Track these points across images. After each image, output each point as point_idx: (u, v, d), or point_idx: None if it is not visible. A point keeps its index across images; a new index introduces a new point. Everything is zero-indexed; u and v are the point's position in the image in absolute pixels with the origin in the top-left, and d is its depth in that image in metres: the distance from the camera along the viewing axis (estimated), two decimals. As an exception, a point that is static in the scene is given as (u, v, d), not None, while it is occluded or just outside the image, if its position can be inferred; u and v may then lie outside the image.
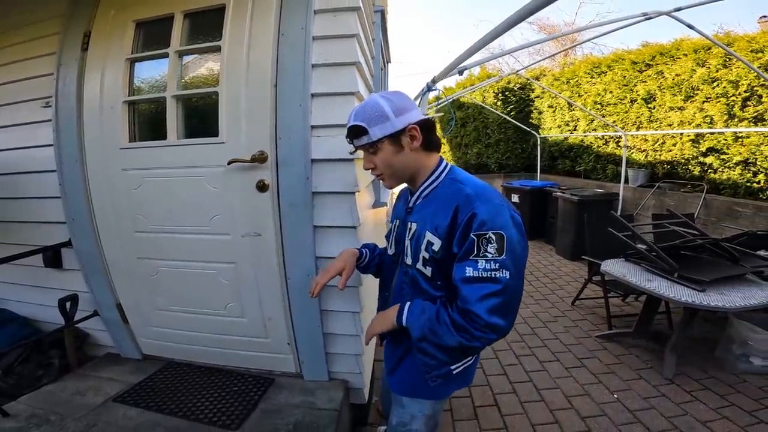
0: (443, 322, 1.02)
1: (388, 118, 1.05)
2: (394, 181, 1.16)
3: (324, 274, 1.34)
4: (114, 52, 1.76)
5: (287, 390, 1.80)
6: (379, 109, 1.06)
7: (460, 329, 1.00)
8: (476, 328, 0.98)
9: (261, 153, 1.60)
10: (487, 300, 0.96)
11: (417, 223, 1.13)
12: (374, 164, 1.12)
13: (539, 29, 15.71)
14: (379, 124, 1.05)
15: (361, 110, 1.08)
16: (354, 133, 1.09)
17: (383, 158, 1.09)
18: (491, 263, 0.96)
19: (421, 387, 1.19)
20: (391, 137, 1.07)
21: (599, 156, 6.84)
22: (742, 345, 2.62)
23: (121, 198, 1.82)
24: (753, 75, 4.40)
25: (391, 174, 1.13)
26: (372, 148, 1.09)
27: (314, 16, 1.60)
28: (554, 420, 2.22)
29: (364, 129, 1.06)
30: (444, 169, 1.15)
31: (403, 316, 1.11)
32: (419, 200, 1.17)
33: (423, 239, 1.08)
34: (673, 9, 2.79)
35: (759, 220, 4.29)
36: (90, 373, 1.95)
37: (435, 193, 1.13)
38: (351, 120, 1.09)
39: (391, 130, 1.06)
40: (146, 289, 1.92)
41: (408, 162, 1.11)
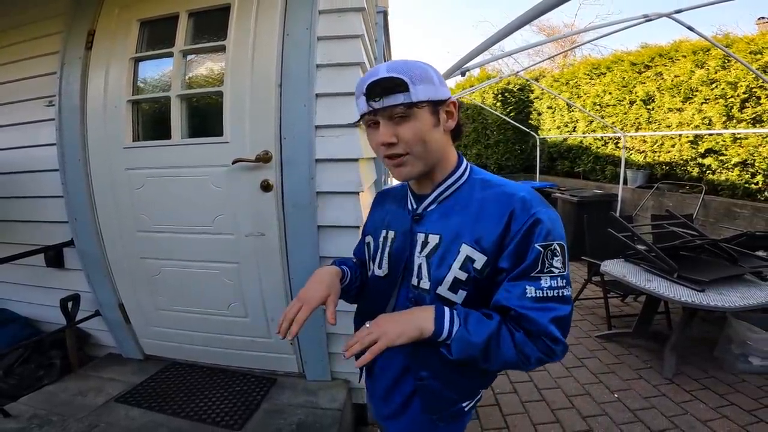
0: (503, 340, 0.79)
1: (433, 82, 0.81)
2: (420, 167, 0.84)
3: (304, 307, 0.89)
4: (118, 51, 1.76)
5: (290, 390, 1.80)
6: (423, 68, 0.81)
7: (519, 349, 0.79)
8: (542, 351, 0.79)
9: (265, 153, 1.60)
10: (557, 323, 0.78)
11: (440, 235, 0.87)
12: (398, 137, 0.80)
13: (539, 30, 15.76)
14: (425, 84, 0.79)
15: (398, 64, 0.80)
16: (386, 88, 0.77)
17: (417, 129, 0.80)
18: (557, 280, 0.78)
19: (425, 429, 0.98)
20: (433, 104, 0.81)
21: (598, 157, 6.86)
22: (741, 345, 2.63)
23: (124, 197, 1.81)
24: (752, 76, 4.42)
25: (420, 154, 0.82)
26: (405, 113, 0.79)
27: (319, 17, 1.60)
28: (555, 419, 2.22)
29: (404, 83, 0.77)
30: (467, 168, 0.92)
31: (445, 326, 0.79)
32: (434, 204, 0.90)
33: (456, 255, 0.83)
34: (674, 11, 2.80)
35: (757, 220, 4.32)
36: (91, 373, 1.94)
37: (461, 196, 0.88)
38: (381, 72, 0.79)
39: (435, 95, 0.81)
40: (148, 289, 1.92)
41: (440, 143, 0.85)
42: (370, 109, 0.80)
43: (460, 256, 0.83)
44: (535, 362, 0.80)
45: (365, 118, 0.84)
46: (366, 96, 0.80)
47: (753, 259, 2.87)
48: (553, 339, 0.78)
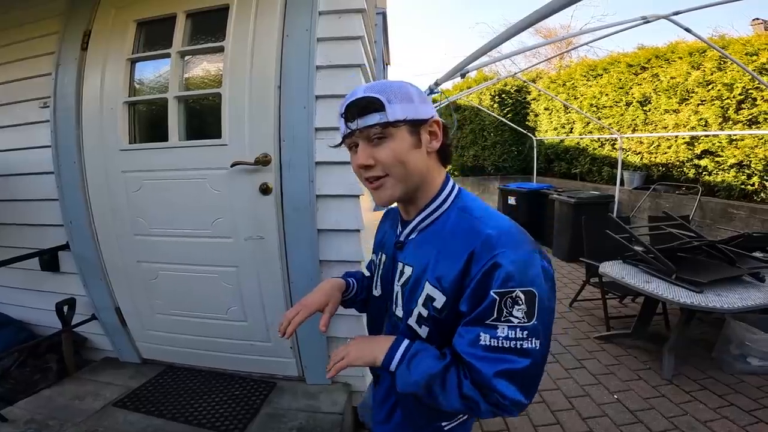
0: (449, 385, 0.75)
1: (412, 100, 0.78)
2: (399, 190, 0.81)
3: (302, 310, 0.94)
4: (114, 51, 1.74)
5: (290, 394, 1.78)
6: (402, 87, 0.79)
7: (466, 398, 0.74)
8: (491, 403, 0.73)
9: (264, 155, 1.58)
10: (508, 377, 0.71)
11: (412, 267, 0.85)
12: (374, 159, 0.78)
13: (535, 31, 15.80)
14: (401, 103, 0.76)
15: (377, 84, 0.79)
16: (361, 108, 0.76)
17: (395, 150, 0.77)
18: (517, 331, 0.71)
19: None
20: (411, 124, 0.78)
21: (595, 158, 6.88)
22: (740, 345, 2.64)
23: (120, 201, 1.79)
24: (747, 78, 4.44)
25: (399, 176, 0.79)
26: (381, 134, 0.76)
27: (319, 18, 1.59)
28: (556, 421, 2.22)
29: (379, 102, 0.75)
30: (451, 192, 0.86)
31: (394, 359, 0.80)
32: (414, 233, 0.88)
33: (420, 291, 0.82)
34: (672, 12, 2.81)
35: (753, 221, 4.34)
36: (88, 377, 1.92)
37: (438, 226, 0.84)
38: (358, 93, 0.78)
39: (415, 115, 0.77)
40: (146, 293, 1.90)
41: (421, 165, 0.81)
42: (348, 130, 0.79)
43: (422, 293, 0.81)
44: (486, 413, 0.74)
45: (346, 141, 0.82)
46: (344, 117, 0.79)
47: (750, 260, 2.89)
48: (501, 395, 0.70)
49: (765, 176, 4.48)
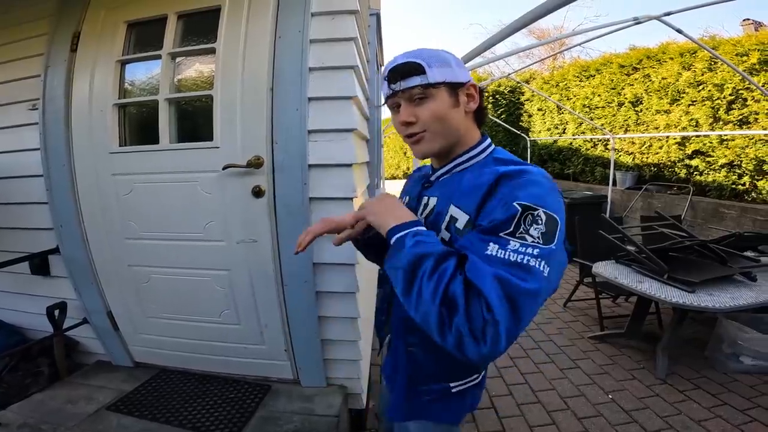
0: (441, 271, 0.68)
1: (450, 65, 0.85)
2: (437, 144, 0.87)
3: (322, 223, 0.94)
4: (104, 53, 1.71)
5: (285, 397, 1.78)
6: (440, 54, 0.86)
7: (445, 300, 0.66)
8: (469, 314, 0.64)
9: (257, 158, 1.57)
10: (504, 288, 0.64)
11: (437, 197, 0.89)
12: (415, 117, 0.84)
13: (529, 32, 15.89)
14: (441, 67, 0.83)
15: (417, 50, 0.86)
16: (403, 72, 0.83)
17: (435, 109, 0.83)
18: (529, 248, 0.67)
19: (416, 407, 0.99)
20: (450, 86, 0.84)
21: (588, 159, 6.93)
22: (732, 344, 2.66)
23: (111, 204, 1.77)
24: (738, 78, 4.50)
25: (438, 132, 0.85)
26: (422, 94, 0.83)
27: (312, 19, 1.58)
28: (551, 421, 2.23)
29: (420, 66, 0.82)
30: (487, 147, 0.91)
31: (403, 230, 0.76)
32: (446, 175, 0.92)
33: (444, 216, 0.84)
34: (663, 13, 2.84)
35: (744, 221, 4.39)
36: (81, 381, 1.90)
37: (471, 170, 0.87)
38: (399, 59, 0.85)
39: (453, 78, 0.84)
40: (138, 297, 1.88)
41: (460, 123, 0.87)
42: (391, 91, 0.86)
43: (446, 216, 0.83)
44: (454, 332, 0.64)
45: (388, 102, 0.90)
46: (387, 80, 0.86)
47: (741, 259, 2.91)
48: (487, 304, 0.63)
49: (756, 176, 4.54)
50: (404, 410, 1.00)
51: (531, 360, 2.90)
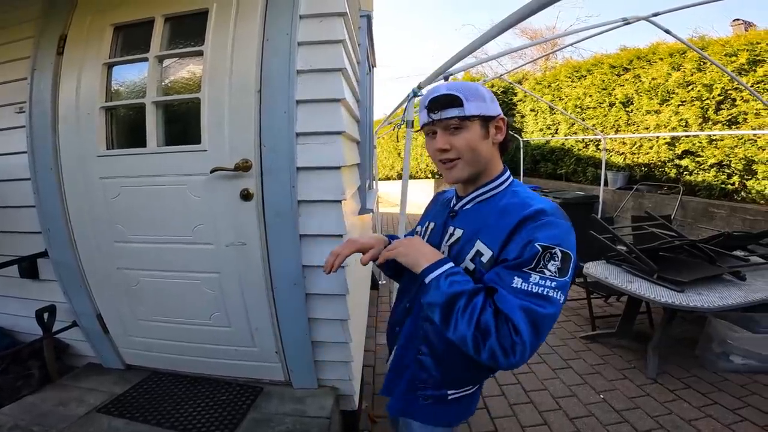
0: (473, 306, 0.84)
1: (485, 100, 0.95)
2: (467, 171, 0.98)
3: (348, 245, 1.10)
4: (91, 56, 1.70)
5: (277, 398, 1.78)
6: (476, 88, 0.96)
7: (479, 328, 0.82)
8: (500, 339, 0.80)
9: (245, 161, 1.57)
10: (528, 315, 0.80)
11: (463, 230, 1.00)
12: (450, 145, 0.96)
13: (521, 33, 15.99)
14: (477, 101, 0.94)
15: (456, 84, 0.98)
16: (443, 103, 0.94)
17: (468, 139, 0.94)
18: (547, 280, 0.82)
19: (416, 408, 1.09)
20: (483, 119, 0.95)
21: (580, 159, 6.97)
22: (722, 344, 2.68)
23: (98, 207, 1.76)
24: (727, 78, 4.54)
25: (469, 160, 0.96)
26: (459, 125, 0.94)
27: (300, 22, 1.58)
28: (543, 421, 2.24)
29: (459, 99, 0.92)
30: (508, 178, 1.02)
31: (437, 271, 0.91)
32: (469, 205, 1.03)
33: (470, 248, 0.95)
34: (651, 14, 2.86)
35: (734, 220, 4.43)
36: (72, 383, 1.89)
37: (492, 202, 0.99)
38: (441, 90, 0.96)
39: (486, 111, 0.95)
40: (127, 300, 1.87)
41: (488, 154, 0.98)
42: (430, 120, 0.96)
43: (472, 249, 0.94)
44: (488, 351, 0.82)
45: (425, 128, 1.00)
46: (427, 109, 0.96)
47: (730, 258, 2.94)
48: (515, 329, 0.79)
49: (745, 176, 4.58)
50: (401, 407, 1.11)
51: (523, 360, 2.91)
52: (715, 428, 2.13)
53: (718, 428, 2.12)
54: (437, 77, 2.02)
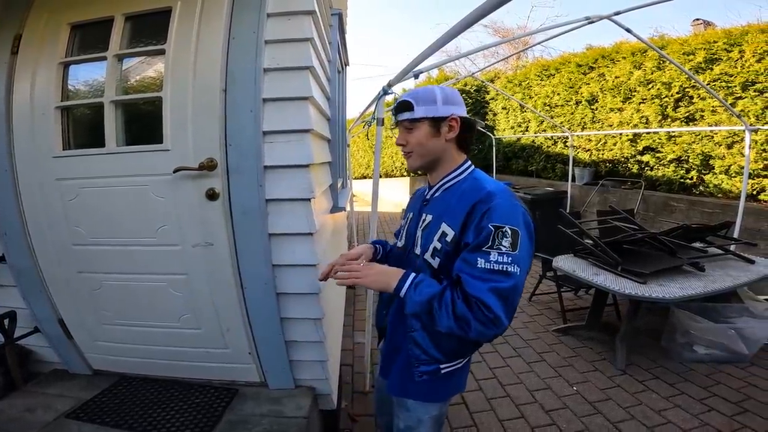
0: (444, 303, 0.99)
1: (435, 103, 1.12)
2: (418, 162, 1.18)
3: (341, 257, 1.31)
4: (46, 55, 1.64)
5: (252, 400, 1.76)
6: (430, 93, 1.13)
7: (458, 318, 0.97)
8: (478, 319, 0.95)
9: (210, 160, 1.54)
10: (496, 293, 0.95)
11: (432, 214, 1.17)
12: (406, 141, 1.17)
13: (494, 32, 16.26)
14: (425, 105, 1.12)
15: (414, 91, 1.17)
16: (400, 108, 1.15)
17: (417, 137, 1.14)
18: (504, 256, 0.96)
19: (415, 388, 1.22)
20: (432, 120, 1.13)
21: (549, 156, 7.13)
22: (685, 334, 2.78)
23: (56, 210, 1.70)
24: (685, 77, 4.70)
25: (419, 154, 1.16)
26: (410, 125, 1.15)
27: (267, 20, 1.56)
28: (520, 414, 2.28)
29: (410, 105, 1.13)
30: (468, 168, 1.19)
31: (405, 285, 1.06)
32: (438, 192, 1.21)
33: (437, 229, 1.11)
34: (613, 12, 2.92)
35: (693, 213, 4.62)
36: (38, 389, 1.83)
37: (455, 188, 1.16)
38: (402, 97, 1.17)
39: (434, 113, 1.12)
40: (90, 304, 1.81)
41: (438, 148, 1.15)
42: (395, 120, 1.18)
43: (439, 231, 1.10)
44: (474, 331, 0.97)
45: (398, 126, 1.19)
46: (392, 111, 1.19)
47: (690, 250, 3.07)
48: (487, 307, 0.94)
49: (702, 170, 4.79)
50: (399, 387, 1.26)
51: (499, 354, 2.96)
52: (684, 418, 2.20)
53: (687, 418, 2.20)
54: (406, 75, 2.02)
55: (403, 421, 1.27)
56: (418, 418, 1.24)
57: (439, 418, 1.28)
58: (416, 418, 1.24)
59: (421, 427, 1.25)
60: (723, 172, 4.54)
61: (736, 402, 2.31)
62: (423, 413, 1.24)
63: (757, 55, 4.15)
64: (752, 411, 2.23)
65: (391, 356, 1.30)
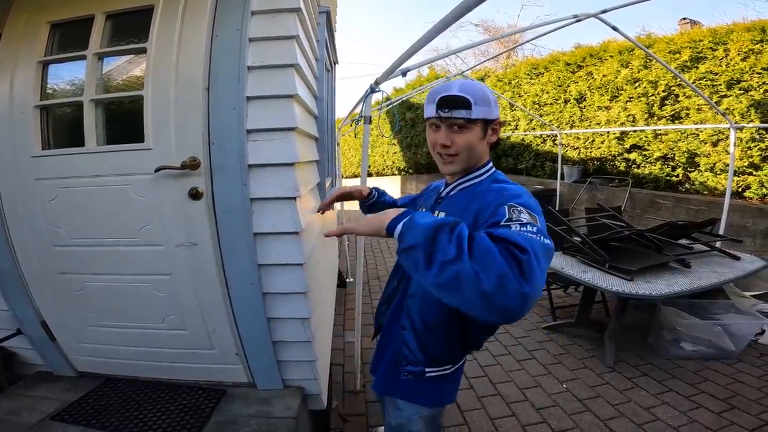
0: (458, 234, 0.75)
1: (490, 104, 1.04)
2: (461, 166, 1.09)
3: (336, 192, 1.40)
4: (24, 54, 1.61)
5: (240, 400, 1.74)
6: (484, 92, 1.04)
7: (477, 251, 0.72)
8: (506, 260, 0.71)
9: (193, 159, 1.52)
10: (530, 243, 0.75)
11: (445, 212, 1.12)
12: (453, 142, 1.05)
13: (485, 31, 16.34)
14: (483, 106, 1.02)
15: (467, 85, 1.03)
16: (453, 104, 1.01)
17: (468, 139, 1.04)
18: (527, 226, 0.81)
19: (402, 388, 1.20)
20: (485, 122, 1.05)
21: (538, 154, 7.18)
22: (672, 331, 2.80)
23: (36, 210, 1.67)
24: (671, 75, 4.75)
25: (466, 158, 1.08)
26: (464, 125, 1.03)
27: (251, 18, 1.54)
28: (511, 413, 2.29)
29: (468, 102, 1.00)
30: (490, 169, 1.14)
31: (402, 219, 0.86)
32: (454, 191, 1.16)
33: None
34: (600, 11, 2.94)
35: (678, 210, 4.68)
36: (22, 392, 1.80)
37: (473, 188, 1.11)
38: (452, 89, 1.02)
39: (488, 116, 1.04)
40: (72, 306, 1.78)
41: (481, 152, 1.09)
42: (437, 115, 1.04)
43: None
44: (495, 276, 0.69)
45: (430, 120, 1.09)
46: (437, 105, 1.03)
47: (676, 247, 3.10)
48: (518, 246, 0.73)
49: (688, 168, 4.84)
50: (383, 384, 1.25)
51: (490, 352, 2.97)
52: (672, 415, 2.21)
53: (675, 415, 2.21)
54: (392, 73, 2.01)
55: (394, 419, 1.27)
56: (408, 416, 1.23)
57: (431, 419, 1.25)
58: (406, 417, 1.23)
59: (412, 425, 1.23)
60: (708, 169, 4.60)
61: (723, 399, 2.33)
62: (413, 413, 1.22)
63: (742, 53, 4.20)
64: (739, 408, 2.25)
65: (381, 353, 1.31)
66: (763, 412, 2.19)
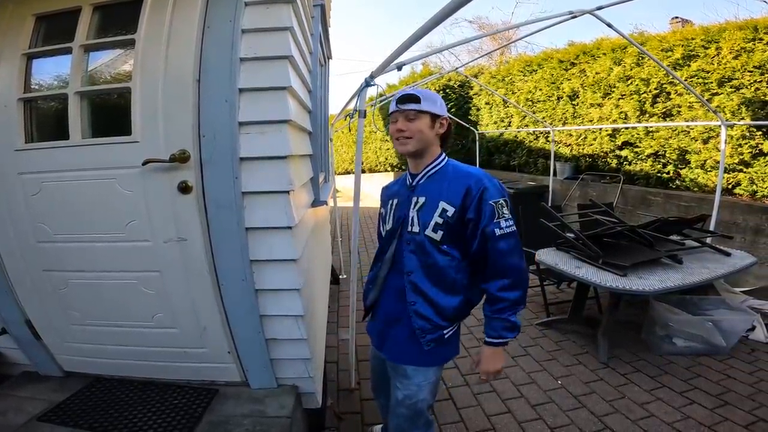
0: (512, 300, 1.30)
1: (436, 103, 1.37)
2: (414, 146, 1.36)
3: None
4: (8, 47, 1.56)
5: (233, 400, 1.72)
6: (432, 94, 1.39)
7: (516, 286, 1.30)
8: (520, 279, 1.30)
9: (182, 152, 1.48)
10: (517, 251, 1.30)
11: (425, 196, 1.38)
12: (407, 128, 1.35)
13: (479, 28, 16.34)
14: (430, 102, 1.35)
15: (419, 90, 1.38)
16: (408, 99, 1.34)
17: (418, 126, 1.34)
18: (509, 221, 1.29)
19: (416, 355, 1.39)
20: (432, 115, 1.36)
21: (531, 150, 7.19)
22: (664, 326, 2.81)
23: (19, 205, 1.62)
24: (663, 73, 4.78)
25: (416, 140, 1.35)
26: (414, 115, 1.34)
27: (245, 9, 1.51)
28: (507, 409, 2.28)
29: (417, 98, 1.33)
30: (444, 158, 1.44)
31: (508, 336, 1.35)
32: (423, 179, 1.42)
33: (436, 207, 1.33)
34: (596, 7, 2.95)
35: (669, 207, 4.71)
36: (7, 392, 1.76)
37: (440, 174, 1.39)
38: (408, 91, 1.37)
39: (435, 110, 1.35)
40: (57, 304, 1.74)
41: (430, 139, 1.38)
42: (397, 109, 1.36)
43: (439, 208, 1.33)
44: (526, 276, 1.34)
45: (392, 115, 1.39)
46: (396, 102, 1.37)
47: (668, 243, 3.11)
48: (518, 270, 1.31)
49: (679, 165, 4.88)
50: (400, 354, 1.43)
51: (484, 349, 2.95)
52: (666, 411, 2.21)
53: (669, 411, 2.21)
54: (388, 66, 1.99)
55: (402, 390, 1.43)
56: (418, 384, 1.41)
57: (435, 383, 1.46)
58: (415, 385, 1.41)
59: (420, 393, 1.41)
60: (699, 166, 4.63)
61: (716, 395, 2.34)
62: (422, 379, 1.41)
63: (734, 51, 4.22)
64: (732, 404, 2.25)
65: (388, 328, 1.47)
66: (756, 408, 2.20)
